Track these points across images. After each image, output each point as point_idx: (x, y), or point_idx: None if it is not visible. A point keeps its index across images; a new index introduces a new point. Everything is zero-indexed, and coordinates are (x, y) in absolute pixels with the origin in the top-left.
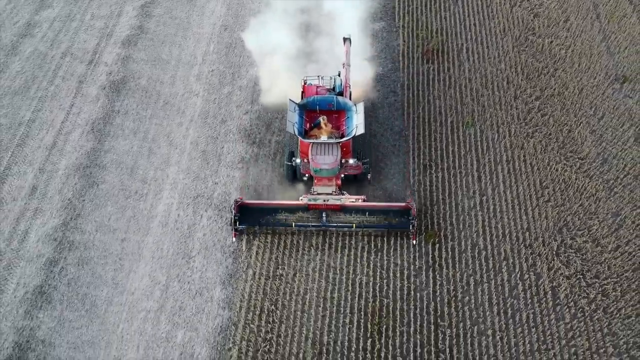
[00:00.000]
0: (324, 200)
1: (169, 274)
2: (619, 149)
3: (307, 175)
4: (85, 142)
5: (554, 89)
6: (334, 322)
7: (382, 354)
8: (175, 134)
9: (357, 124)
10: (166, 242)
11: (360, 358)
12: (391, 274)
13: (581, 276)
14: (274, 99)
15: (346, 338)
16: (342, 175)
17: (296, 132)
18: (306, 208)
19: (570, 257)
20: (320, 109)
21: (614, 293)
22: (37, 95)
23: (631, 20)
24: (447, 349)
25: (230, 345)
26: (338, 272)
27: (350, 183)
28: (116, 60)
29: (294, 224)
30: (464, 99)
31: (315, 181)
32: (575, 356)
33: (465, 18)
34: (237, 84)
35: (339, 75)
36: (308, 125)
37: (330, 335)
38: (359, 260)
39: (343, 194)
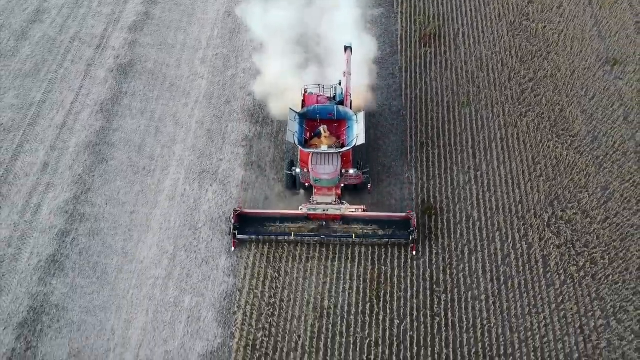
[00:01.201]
0: (324, 210)
1: (176, 244)
2: (609, 127)
3: (307, 184)
4: (94, 121)
5: (547, 71)
6: (334, 287)
7: (381, 317)
8: (181, 114)
9: (357, 133)
10: (173, 214)
11: (360, 321)
12: (389, 244)
13: (571, 245)
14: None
15: (346, 302)
16: (342, 185)
17: (296, 142)
18: (306, 217)
19: (561, 228)
20: (320, 118)
21: (602, 261)
22: (47, 78)
23: (622, 6)
24: (442, 313)
25: (235, 309)
26: (338, 242)
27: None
28: (123, 44)
29: (293, 233)
30: (460, 81)
31: (315, 190)
32: (564, 319)
33: (461, 4)
34: (241, 67)
35: (340, 84)
36: (308, 134)
37: (331, 300)
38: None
39: (343, 204)
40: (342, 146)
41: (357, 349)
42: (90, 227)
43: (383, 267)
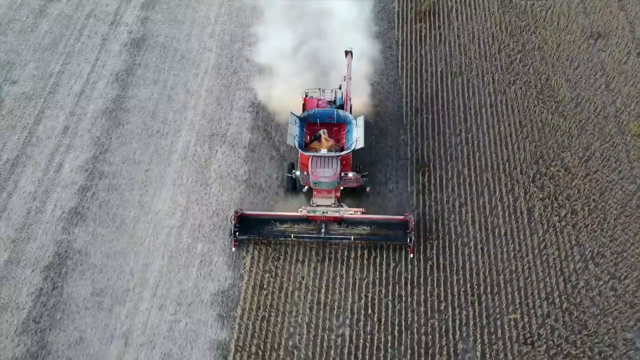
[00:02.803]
0: (323, 212)
1: (188, 198)
2: (591, 94)
3: (306, 187)
4: (110, 90)
5: (535, 44)
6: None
7: (377, 261)
8: (192, 83)
9: (357, 137)
10: (185, 172)
11: (358, 264)
12: (387, 197)
13: (554, 198)
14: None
15: (345, 250)
16: (342, 188)
17: (296, 145)
18: (305, 219)
19: (545, 183)
20: (320, 121)
21: (582, 212)
22: (65, 51)
23: None
24: (434, 257)
25: (244, 254)
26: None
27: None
28: (136, 21)
29: (292, 235)
30: (453, 53)
31: (315, 193)
32: (546, 263)
33: None
34: (247, 41)
35: (340, 88)
36: (308, 137)
37: (332, 247)
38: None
39: (342, 206)
40: (342, 149)
41: (356, 289)
42: (108, 183)
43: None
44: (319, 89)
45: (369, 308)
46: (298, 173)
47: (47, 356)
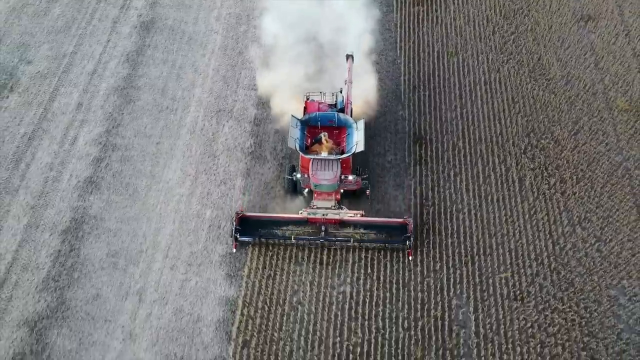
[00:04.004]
0: (323, 215)
1: (197, 169)
2: (581, 72)
3: (307, 189)
4: (121, 69)
5: (527, 26)
6: None
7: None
8: (199, 63)
9: (357, 140)
10: (194, 145)
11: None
12: (386, 168)
13: (544, 168)
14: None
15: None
16: (342, 190)
17: (297, 148)
18: (306, 221)
19: (535, 154)
20: (321, 125)
21: (570, 181)
22: (77, 33)
23: None
24: (430, 222)
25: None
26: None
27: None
28: (145, 5)
29: (293, 237)
30: (449, 34)
31: (315, 195)
32: (536, 227)
33: None
34: (252, 24)
35: (341, 91)
36: (309, 140)
37: None
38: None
39: (342, 209)
40: (342, 153)
41: (356, 251)
42: (121, 155)
43: (380, 186)
44: (320, 92)
45: (369, 268)
46: (299, 175)
47: (66, 311)
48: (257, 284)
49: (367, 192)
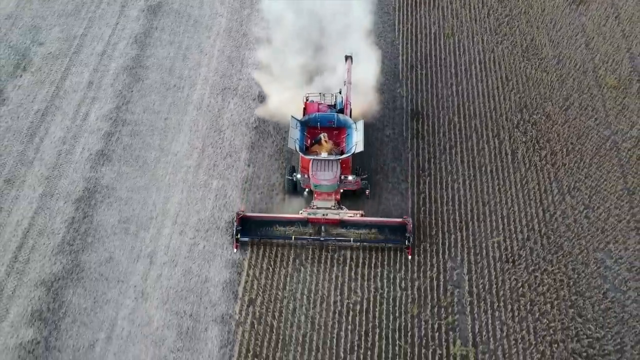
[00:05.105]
0: (323, 215)
1: (204, 142)
2: (572, 52)
3: (307, 189)
4: (130, 50)
5: (521, 9)
6: None
7: (376, 196)
8: (205, 44)
9: (356, 141)
10: (201, 120)
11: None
12: (384, 142)
13: (535, 141)
14: None
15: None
16: (341, 190)
17: (297, 148)
18: (306, 221)
19: (528, 129)
20: (321, 125)
21: (560, 153)
22: (87, 17)
23: None
24: (426, 191)
25: (254, 189)
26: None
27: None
28: None
29: (293, 237)
30: (446, 17)
31: (315, 195)
32: (527, 195)
33: None
34: (255, 7)
35: (340, 92)
36: (309, 141)
37: None
38: None
39: (342, 209)
40: (342, 153)
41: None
42: (131, 129)
43: (380, 158)
44: (320, 93)
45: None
46: (299, 176)
47: (80, 272)
48: (262, 247)
49: (367, 192)
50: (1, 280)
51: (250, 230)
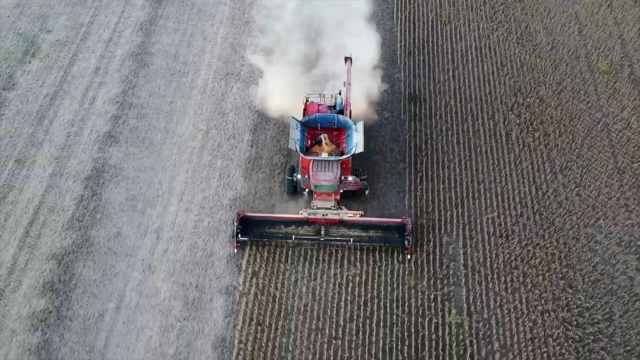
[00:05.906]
0: (323, 215)
1: (208, 124)
2: (565, 38)
3: (307, 189)
4: (135, 37)
5: None
6: None
7: (375, 172)
8: (209, 32)
9: (356, 142)
10: (205, 104)
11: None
12: (383, 124)
13: (529, 123)
14: None
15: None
16: (341, 191)
17: (297, 149)
18: (306, 221)
19: (521, 111)
20: (321, 126)
21: (553, 134)
22: (94, 5)
23: None
24: (423, 170)
25: (257, 169)
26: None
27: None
28: None
29: (293, 237)
30: (443, 4)
31: (315, 196)
32: (520, 174)
33: None
34: None
35: (340, 93)
36: (309, 142)
37: None
38: None
39: (341, 209)
40: (342, 154)
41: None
42: (137, 112)
43: (379, 139)
44: (320, 94)
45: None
46: (299, 176)
47: (90, 247)
48: None
49: (366, 192)
50: (14, 254)
51: (250, 230)
